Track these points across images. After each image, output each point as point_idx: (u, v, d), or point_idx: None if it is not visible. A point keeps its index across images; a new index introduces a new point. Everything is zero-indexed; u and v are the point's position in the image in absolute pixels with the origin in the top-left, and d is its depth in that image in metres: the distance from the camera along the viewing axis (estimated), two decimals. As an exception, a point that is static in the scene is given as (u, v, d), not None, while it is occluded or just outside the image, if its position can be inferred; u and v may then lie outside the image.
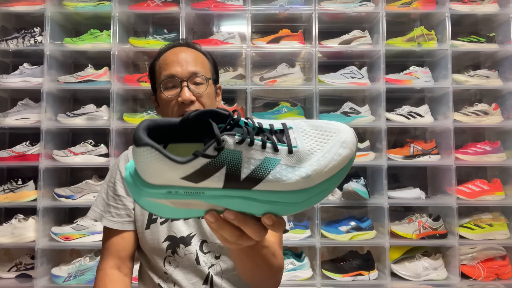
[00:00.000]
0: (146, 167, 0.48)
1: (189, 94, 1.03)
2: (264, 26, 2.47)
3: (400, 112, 2.27)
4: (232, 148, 0.49)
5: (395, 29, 2.38)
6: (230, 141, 0.48)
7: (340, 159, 0.51)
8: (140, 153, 0.48)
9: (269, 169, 0.50)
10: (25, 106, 2.25)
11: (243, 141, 0.49)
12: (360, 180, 2.15)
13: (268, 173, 0.49)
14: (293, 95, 2.47)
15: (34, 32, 2.26)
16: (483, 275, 2.13)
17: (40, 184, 2.12)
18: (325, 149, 0.51)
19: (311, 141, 0.52)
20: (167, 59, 1.08)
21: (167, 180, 0.49)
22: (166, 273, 1.06)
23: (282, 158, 0.50)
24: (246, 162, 0.49)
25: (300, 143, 0.51)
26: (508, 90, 2.28)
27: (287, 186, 0.50)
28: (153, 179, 0.49)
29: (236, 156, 0.49)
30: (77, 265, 2.10)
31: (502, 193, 2.21)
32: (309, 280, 2.13)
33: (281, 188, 0.50)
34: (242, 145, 0.49)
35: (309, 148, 0.51)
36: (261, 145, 0.50)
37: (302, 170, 0.50)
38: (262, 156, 0.50)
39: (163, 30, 2.31)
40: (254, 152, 0.49)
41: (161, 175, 0.49)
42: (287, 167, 0.50)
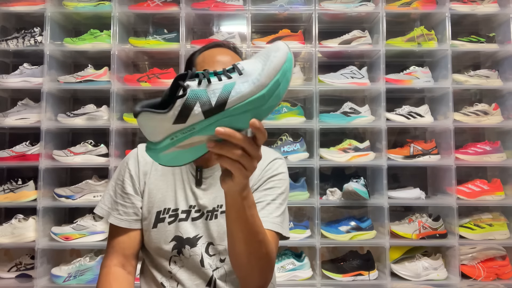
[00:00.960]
0: (147, 128, 0.67)
1: None
2: (264, 26, 2.47)
3: (400, 112, 2.27)
4: (196, 88, 0.65)
5: (395, 29, 2.38)
6: (192, 84, 0.66)
7: (277, 60, 0.67)
8: (139, 121, 0.66)
9: (229, 90, 0.66)
10: (25, 106, 2.25)
11: (201, 81, 0.66)
12: (360, 180, 2.15)
13: (229, 93, 0.66)
14: (293, 95, 2.47)
15: (34, 32, 2.26)
16: (483, 275, 2.13)
17: (40, 184, 2.12)
18: (266, 59, 0.68)
19: (257, 63, 0.68)
20: (214, 55, 1.09)
21: (165, 130, 0.66)
22: (170, 272, 1.07)
23: (236, 80, 0.67)
24: (211, 94, 0.66)
25: (246, 66, 0.68)
26: (508, 90, 2.28)
27: (247, 94, 0.66)
28: (156, 136, 0.67)
29: (201, 93, 0.65)
30: (77, 265, 2.10)
31: (502, 193, 2.21)
32: (309, 280, 2.13)
33: (244, 98, 0.66)
34: (202, 84, 0.66)
35: (255, 65, 0.68)
36: (217, 79, 0.67)
37: (253, 78, 0.66)
38: (221, 85, 0.66)
39: (163, 30, 2.31)
40: (213, 85, 0.66)
41: (159, 129, 0.66)
42: (242, 83, 0.66)
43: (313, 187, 2.15)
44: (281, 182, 1.11)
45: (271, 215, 1.05)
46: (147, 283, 1.11)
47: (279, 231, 1.04)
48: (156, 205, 1.08)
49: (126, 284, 1.04)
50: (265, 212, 1.04)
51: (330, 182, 2.32)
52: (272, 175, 1.11)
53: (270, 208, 1.06)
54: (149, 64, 2.55)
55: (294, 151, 2.22)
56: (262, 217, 1.00)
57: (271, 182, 1.10)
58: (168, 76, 2.25)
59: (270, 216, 1.04)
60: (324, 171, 2.35)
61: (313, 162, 2.18)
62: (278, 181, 1.10)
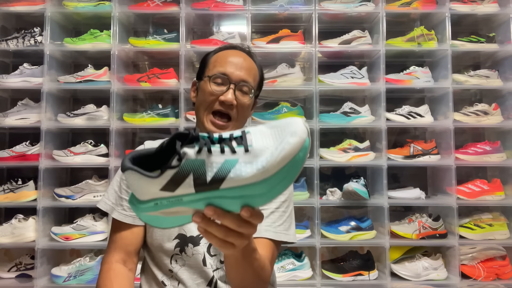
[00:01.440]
0: (134, 187, 0.60)
1: (232, 96, 1.05)
2: (264, 26, 2.47)
3: (400, 112, 2.27)
4: (194, 158, 0.57)
5: (395, 29, 2.38)
6: (190, 152, 0.57)
7: (290, 147, 0.56)
8: (127, 177, 0.59)
9: (229, 168, 0.57)
10: (25, 106, 2.25)
11: (201, 150, 0.57)
12: (360, 180, 2.15)
13: (229, 172, 0.57)
14: (293, 95, 2.46)
15: (34, 32, 2.26)
16: (483, 275, 2.13)
17: (40, 184, 2.12)
18: (278, 141, 0.57)
19: (268, 139, 0.58)
20: (227, 56, 1.10)
21: (151, 194, 0.59)
22: (171, 270, 1.07)
23: (240, 157, 0.57)
24: (209, 167, 0.57)
25: (255, 142, 0.58)
26: (508, 90, 2.28)
27: (247, 179, 0.56)
28: (142, 196, 0.60)
29: (199, 163, 0.57)
30: (77, 265, 2.10)
31: (502, 193, 2.21)
32: (309, 280, 2.13)
33: (243, 182, 0.57)
34: (202, 153, 0.57)
35: (265, 144, 0.58)
36: (219, 151, 0.57)
37: (259, 163, 0.56)
38: (222, 159, 0.57)
39: (163, 30, 2.31)
40: (214, 157, 0.57)
41: (145, 191, 0.59)
42: (246, 164, 0.57)
43: (313, 187, 2.15)
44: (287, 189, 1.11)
45: (274, 223, 1.06)
46: (148, 282, 1.11)
47: (282, 239, 1.06)
48: None
49: (127, 281, 1.03)
50: (268, 221, 1.05)
51: (330, 182, 2.32)
52: None
53: (274, 217, 1.07)
54: (149, 64, 2.55)
55: (294, 151, 2.21)
56: (266, 226, 1.03)
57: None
58: (168, 76, 2.25)
59: (273, 225, 1.05)
60: (324, 171, 2.35)
61: (313, 162, 2.18)
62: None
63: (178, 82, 2.24)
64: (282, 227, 1.07)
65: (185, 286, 1.05)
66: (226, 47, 1.15)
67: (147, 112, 2.26)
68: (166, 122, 2.23)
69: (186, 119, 2.21)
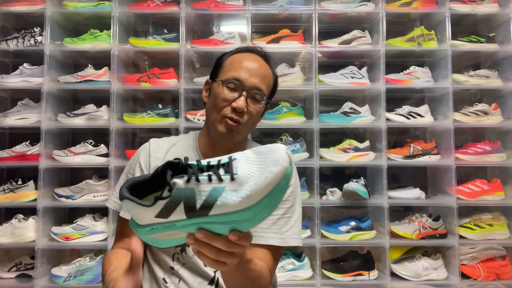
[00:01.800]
0: (132, 213, 0.66)
1: (243, 104, 1.04)
2: (264, 26, 2.47)
3: (400, 112, 2.27)
4: (183, 187, 0.62)
5: (395, 29, 2.38)
6: (180, 182, 0.62)
7: (272, 176, 0.61)
8: (124, 205, 0.65)
9: (217, 196, 0.62)
10: (25, 106, 2.25)
11: (190, 179, 0.62)
12: (360, 180, 2.15)
13: (216, 200, 0.62)
14: (293, 95, 2.46)
15: (34, 32, 2.26)
16: (483, 275, 2.13)
17: (40, 184, 2.12)
18: (261, 170, 0.62)
19: (253, 166, 0.63)
20: (243, 60, 1.09)
21: (147, 220, 0.65)
22: (172, 268, 1.07)
23: (226, 186, 0.62)
24: (198, 195, 0.62)
25: (241, 170, 0.62)
26: (508, 90, 2.28)
27: (233, 207, 0.61)
28: (139, 221, 0.66)
29: (189, 192, 0.62)
30: (77, 265, 2.10)
31: (502, 193, 2.21)
32: (309, 280, 2.13)
33: (229, 209, 0.62)
34: (191, 183, 0.62)
35: (249, 172, 0.62)
36: (207, 179, 0.62)
37: (243, 191, 0.61)
38: (210, 187, 0.62)
39: (163, 30, 2.31)
40: (202, 186, 0.62)
41: (142, 217, 0.65)
42: (232, 191, 0.61)
43: (313, 187, 2.15)
44: (293, 194, 1.11)
45: (281, 230, 1.07)
46: (148, 279, 1.11)
47: (290, 245, 1.07)
48: None
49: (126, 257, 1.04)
50: (275, 228, 1.06)
51: (330, 182, 2.32)
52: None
53: (280, 223, 1.07)
54: (149, 64, 2.55)
55: (294, 151, 2.22)
56: (272, 233, 1.04)
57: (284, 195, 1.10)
58: (168, 76, 2.25)
59: (280, 231, 1.06)
60: (324, 171, 2.35)
61: (313, 162, 2.18)
62: (290, 193, 1.11)
63: (178, 82, 2.24)
64: (290, 232, 1.08)
65: (186, 284, 1.06)
66: (242, 49, 1.14)
67: (147, 112, 2.26)
68: (166, 122, 2.23)
69: (186, 119, 2.21)
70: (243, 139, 1.14)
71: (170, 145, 1.15)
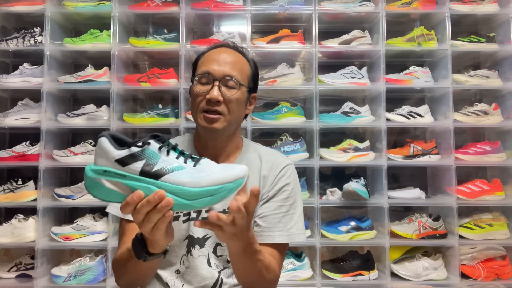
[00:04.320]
0: (98, 150, 0.74)
1: (217, 93, 1.05)
2: (264, 26, 2.47)
3: (400, 112, 2.27)
4: (155, 150, 0.74)
5: (395, 29, 2.38)
6: (154, 145, 0.74)
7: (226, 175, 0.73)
8: (98, 141, 0.74)
9: (174, 170, 0.73)
10: (25, 106, 2.25)
11: (162, 147, 0.74)
12: (360, 180, 2.15)
13: (172, 172, 0.73)
14: (293, 95, 2.46)
15: (34, 32, 2.26)
16: (483, 275, 2.13)
17: (40, 184, 2.12)
18: (224, 169, 0.74)
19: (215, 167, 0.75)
20: (210, 55, 1.11)
21: (105, 161, 0.73)
22: (178, 271, 1.07)
23: (187, 167, 0.74)
24: (160, 162, 0.73)
25: (204, 165, 0.75)
26: (508, 90, 2.28)
27: (181, 182, 0.72)
28: (98, 161, 0.74)
29: (154, 156, 0.73)
30: (77, 265, 2.10)
31: (502, 193, 2.21)
32: (309, 280, 2.13)
33: (177, 183, 0.72)
34: (162, 150, 0.74)
35: (210, 168, 0.74)
36: (175, 156, 0.75)
37: (196, 175, 0.73)
38: (173, 162, 0.74)
39: (163, 30, 2.31)
40: (169, 158, 0.74)
41: (103, 157, 0.73)
42: (187, 172, 0.73)
43: (313, 187, 2.15)
44: (294, 191, 1.15)
45: (286, 227, 1.10)
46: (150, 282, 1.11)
47: (295, 240, 1.11)
48: None
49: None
50: (280, 226, 1.09)
51: (330, 182, 2.32)
52: (286, 183, 1.14)
53: (285, 220, 1.11)
54: (149, 64, 2.55)
55: (294, 151, 2.22)
56: (279, 232, 1.08)
57: (285, 192, 1.13)
58: (168, 76, 2.25)
59: (286, 229, 1.10)
60: (324, 171, 2.35)
61: (313, 162, 2.18)
62: (291, 191, 1.14)
63: (178, 82, 2.24)
64: (295, 228, 1.12)
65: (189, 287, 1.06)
66: (210, 47, 1.16)
67: (147, 112, 2.26)
68: (166, 122, 2.23)
69: (186, 119, 2.21)
70: (232, 134, 1.14)
71: None
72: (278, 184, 1.12)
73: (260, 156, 1.16)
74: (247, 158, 1.15)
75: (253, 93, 1.17)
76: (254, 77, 1.17)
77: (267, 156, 1.17)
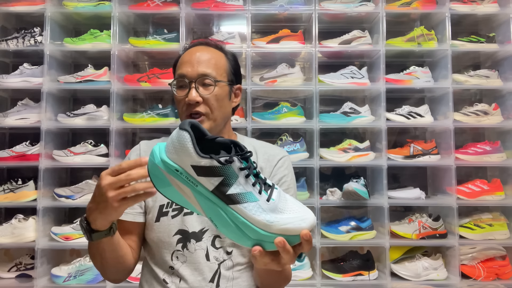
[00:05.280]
0: (176, 145, 0.66)
1: (195, 94, 1.05)
2: (264, 26, 2.47)
3: (400, 112, 2.27)
4: (234, 170, 0.65)
5: (395, 29, 2.38)
6: (237, 164, 0.66)
7: (296, 228, 0.66)
8: (179, 134, 0.65)
9: (248, 199, 0.66)
10: (25, 106, 2.25)
11: (243, 169, 0.66)
12: (360, 180, 2.15)
13: (245, 201, 0.65)
14: (293, 95, 2.47)
15: (34, 32, 2.26)
16: (483, 275, 2.13)
17: (40, 184, 2.12)
18: (294, 215, 0.67)
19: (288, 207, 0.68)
20: (183, 58, 1.11)
21: (181, 161, 0.66)
22: (172, 267, 1.07)
23: (260, 200, 0.66)
24: (236, 185, 0.66)
25: (277, 200, 0.67)
26: (508, 90, 2.28)
27: (252, 220, 0.65)
28: (172, 155, 0.66)
29: (234, 176, 0.65)
30: (77, 265, 2.10)
31: (502, 193, 2.21)
32: (309, 280, 2.13)
33: (248, 218, 0.65)
34: (242, 172, 0.66)
35: (283, 207, 0.67)
36: (253, 182, 0.67)
37: (269, 216, 0.66)
38: (249, 189, 0.66)
39: (163, 30, 2.31)
40: (246, 182, 0.66)
41: (180, 156, 0.66)
42: (260, 208, 0.66)
43: (313, 187, 2.15)
44: (292, 181, 1.16)
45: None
46: (148, 281, 1.11)
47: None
48: (159, 198, 1.09)
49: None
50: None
51: (330, 182, 2.32)
52: (284, 174, 1.14)
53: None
54: (149, 64, 2.55)
55: (294, 151, 2.22)
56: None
57: (285, 183, 1.14)
58: (168, 76, 2.25)
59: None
60: (324, 171, 2.35)
61: (313, 162, 2.18)
62: (290, 181, 1.15)
63: (178, 82, 2.23)
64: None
65: (186, 283, 1.06)
66: (185, 48, 1.15)
67: (147, 112, 2.26)
68: (166, 122, 2.23)
69: (186, 119, 2.20)
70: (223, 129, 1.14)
71: None
72: (277, 175, 1.13)
73: (255, 148, 1.16)
74: None
75: (236, 85, 1.16)
76: (234, 69, 1.16)
77: (262, 149, 1.17)
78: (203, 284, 1.05)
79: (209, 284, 1.05)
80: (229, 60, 1.15)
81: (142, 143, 1.18)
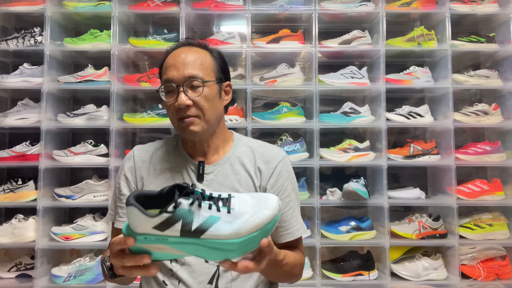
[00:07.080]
0: (131, 220, 0.73)
1: (184, 98, 1.03)
2: (264, 26, 2.47)
3: (400, 112, 2.27)
4: (186, 208, 0.71)
5: (395, 29, 2.38)
6: (185, 203, 0.71)
7: (264, 218, 0.72)
8: (128, 211, 0.72)
9: (212, 223, 0.71)
10: (25, 106, 2.25)
11: (193, 203, 0.72)
12: (360, 180, 2.15)
13: (210, 226, 0.71)
14: (293, 95, 2.47)
15: (34, 32, 2.26)
16: (483, 275, 2.13)
17: (40, 184, 2.12)
18: (254, 210, 0.72)
19: (247, 206, 0.73)
20: (167, 62, 1.10)
21: (144, 229, 0.72)
22: (171, 270, 1.07)
23: (222, 216, 0.72)
24: (196, 218, 0.71)
25: (237, 207, 0.73)
26: (508, 90, 2.28)
27: (224, 236, 0.71)
28: (136, 228, 0.73)
29: (188, 214, 0.71)
30: (77, 265, 2.10)
31: (502, 193, 2.21)
32: (309, 280, 2.13)
33: (219, 237, 0.71)
34: (193, 206, 0.72)
35: (244, 210, 0.73)
36: (208, 207, 0.72)
37: (235, 224, 0.71)
38: (208, 214, 0.72)
39: (163, 30, 2.31)
40: (202, 211, 0.72)
41: (140, 226, 0.72)
42: (225, 222, 0.71)
43: (313, 187, 2.15)
44: (293, 183, 1.17)
45: (298, 219, 1.16)
46: (148, 282, 1.11)
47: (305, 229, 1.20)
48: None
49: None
50: (294, 220, 1.14)
51: (330, 182, 2.32)
52: (286, 177, 1.14)
53: (295, 213, 1.15)
54: (149, 64, 2.55)
55: (294, 151, 2.22)
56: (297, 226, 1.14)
57: (289, 187, 1.14)
58: (168, 76, 2.25)
59: (300, 223, 1.16)
60: (324, 171, 2.35)
61: (313, 162, 2.18)
62: (291, 184, 1.16)
63: (178, 82, 2.23)
64: (301, 220, 1.18)
65: (185, 285, 1.05)
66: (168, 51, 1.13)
67: (147, 112, 2.26)
68: (166, 122, 2.23)
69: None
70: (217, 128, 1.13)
71: (155, 149, 1.17)
72: (280, 178, 1.12)
73: (252, 148, 1.15)
74: (239, 151, 1.14)
75: (225, 82, 1.14)
76: (221, 66, 1.14)
77: (260, 149, 1.15)
78: (202, 286, 1.05)
79: (208, 286, 1.05)
80: (215, 58, 1.12)
81: (136, 149, 1.17)
